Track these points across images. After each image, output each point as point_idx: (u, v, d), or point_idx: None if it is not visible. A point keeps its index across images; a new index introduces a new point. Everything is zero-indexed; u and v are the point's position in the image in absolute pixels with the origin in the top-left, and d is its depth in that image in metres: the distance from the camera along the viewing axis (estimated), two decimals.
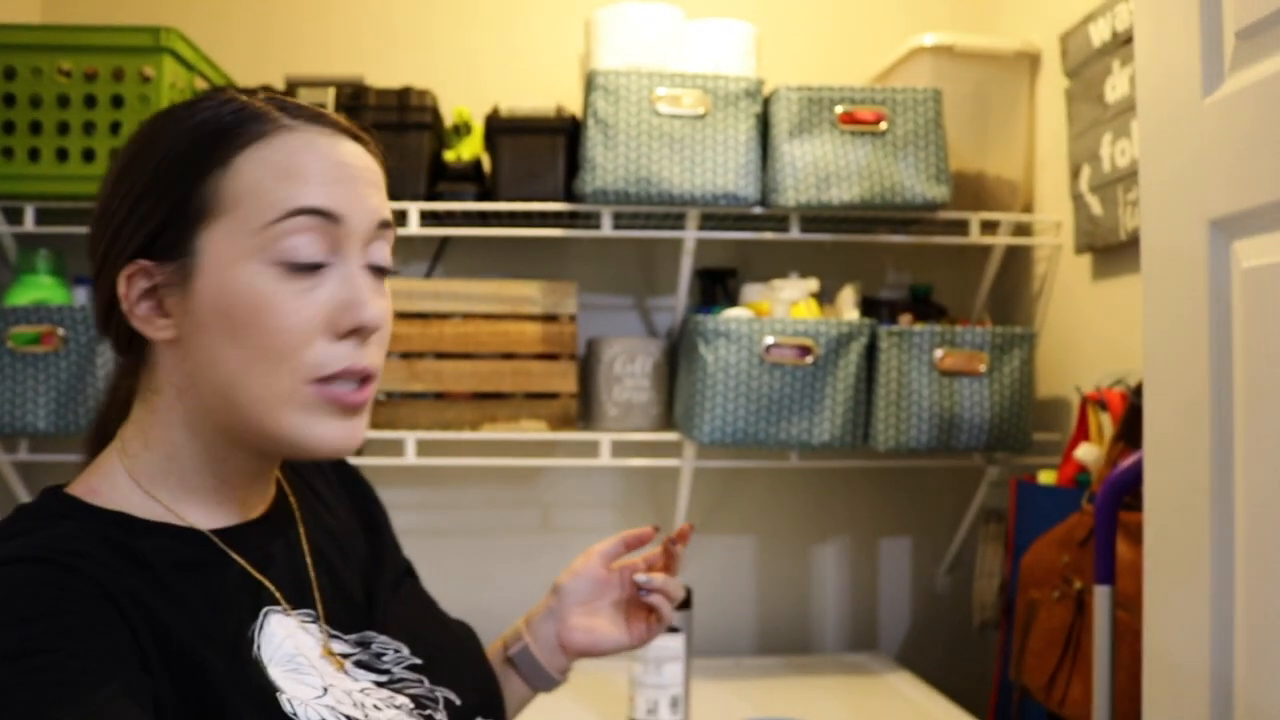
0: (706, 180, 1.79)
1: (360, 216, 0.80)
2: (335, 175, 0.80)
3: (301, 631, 0.83)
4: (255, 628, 0.80)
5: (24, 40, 1.79)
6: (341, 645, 0.86)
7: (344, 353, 0.79)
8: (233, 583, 0.81)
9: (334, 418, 0.80)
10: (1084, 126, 1.83)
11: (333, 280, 0.79)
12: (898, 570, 2.26)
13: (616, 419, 1.94)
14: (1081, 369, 1.88)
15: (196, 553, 0.81)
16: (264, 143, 0.79)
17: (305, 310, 0.78)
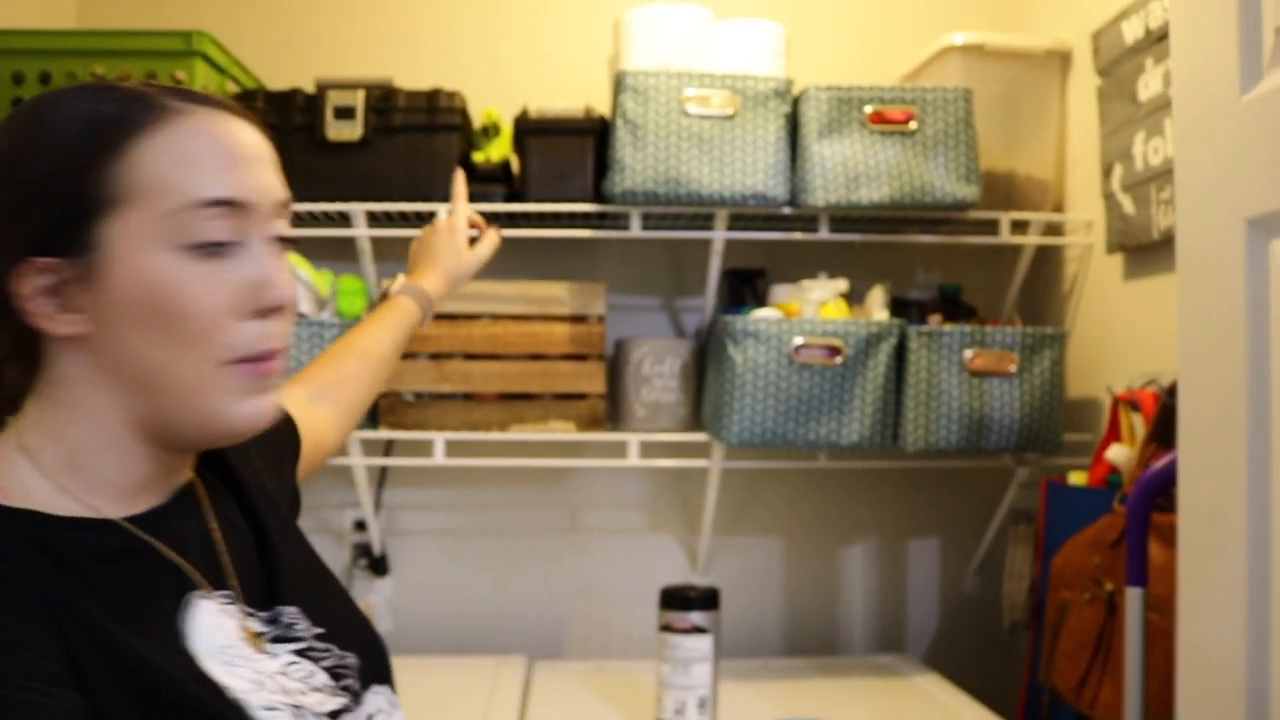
0: (735, 180, 1.79)
1: (264, 197, 0.81)
2: (234, 158, 0.79)
3: (224, 615, 0.82)
4: (181, 617, 0.79)
5: (59, 45, 1.81)
6: (258, 624, 0.86)
7: (256, 333, 0.80)
8: (154, 570, 0.80)
9: (249, 395, 0.81)
10: (1116, 125, 1.82)
11: (241, 261, 0.79)
12: (926, 571, 2.25)
13: (644, 420, 1.94)
14: (1113, 369, 1.87)
15: (115, 542, 0.79)
16: (158, 129, 0.78)
17: (218, 293, 0.78)
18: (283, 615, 0.88)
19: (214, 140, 0.79)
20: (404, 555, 2.16)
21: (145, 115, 0.78)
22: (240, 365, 0.79)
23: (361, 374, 1.32)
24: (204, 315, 0.77)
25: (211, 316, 0.77)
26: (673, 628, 1.62)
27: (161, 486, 0.85)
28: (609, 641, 2.18)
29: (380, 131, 1.88)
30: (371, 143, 1.88)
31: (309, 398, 1.25)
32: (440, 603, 2.16)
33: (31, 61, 1.80)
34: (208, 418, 0.80)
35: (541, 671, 2.00)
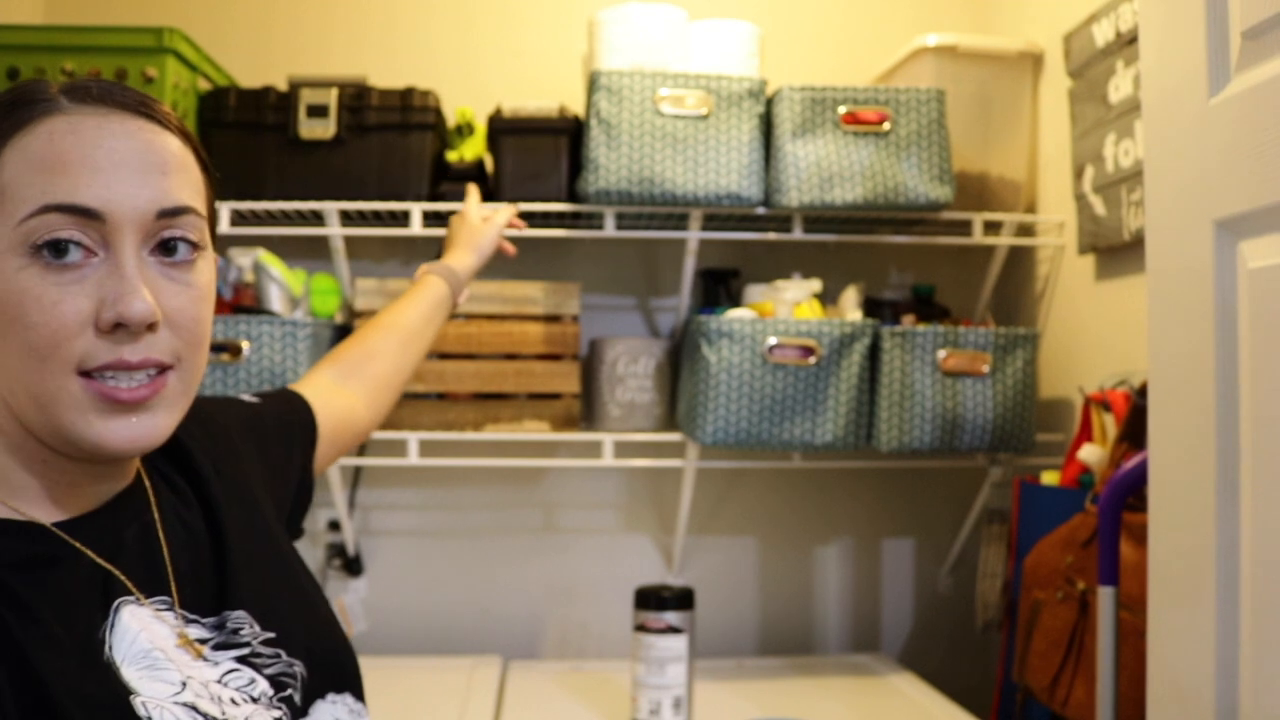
0: (710, 181, 1.79)
1: (128, 206, 0.75)
2: (97, 163, 0.74)
3: (156, 622, 0.80)
4: (106, 626, 0.77)
5: (27, 41, 1.79)
6: (199, 630, 0.83)
7: (100, 349, 0.74)
8: (80, 578, 0.78)
9: (112, 415, 0.76)
10: (1087, 127, 1.83)
11: (100, 272, 0.74)
12: (900, 571, 2.26)
13: (619, 419, 1.94)
14: (1084, 370, 1.88)
15: (38, 548, 0.77)
16: (27, 131, 0.75)
17: (65, 303, 0.73)
18: (229, 620, 0.86)
19: (77, 142, 0.75)
20: (378, 555, 2.15)
21: (21, 115, 0.76)
22: (90, 383, 0.75)
23: (388, 347, 1.32)
24: (48, 325, 0.73)
25: (56, 329, 0.73)
26: (647, 628, 1.62)
27: (93, 492, 0.83)
28: (584, 641, 2.18)
29: (354, 130, 1.87)
30: (345, 141, 1.87)
31: (337, 377, 1.25)
32: (415, 603, 2.15)
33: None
34: (67, 432, 0.76)
35: (517, 672, 1.99)
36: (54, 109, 0.76)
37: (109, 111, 0.77)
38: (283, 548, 1.00)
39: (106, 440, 0.76)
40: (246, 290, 1.82)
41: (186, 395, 0.81)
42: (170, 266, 0.78)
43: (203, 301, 0.81)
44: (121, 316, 0.73)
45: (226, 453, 1.00)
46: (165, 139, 0.79)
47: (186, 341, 0.79)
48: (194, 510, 0.92)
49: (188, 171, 0.81)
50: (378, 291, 1.89)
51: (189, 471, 0.94)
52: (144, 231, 0.76)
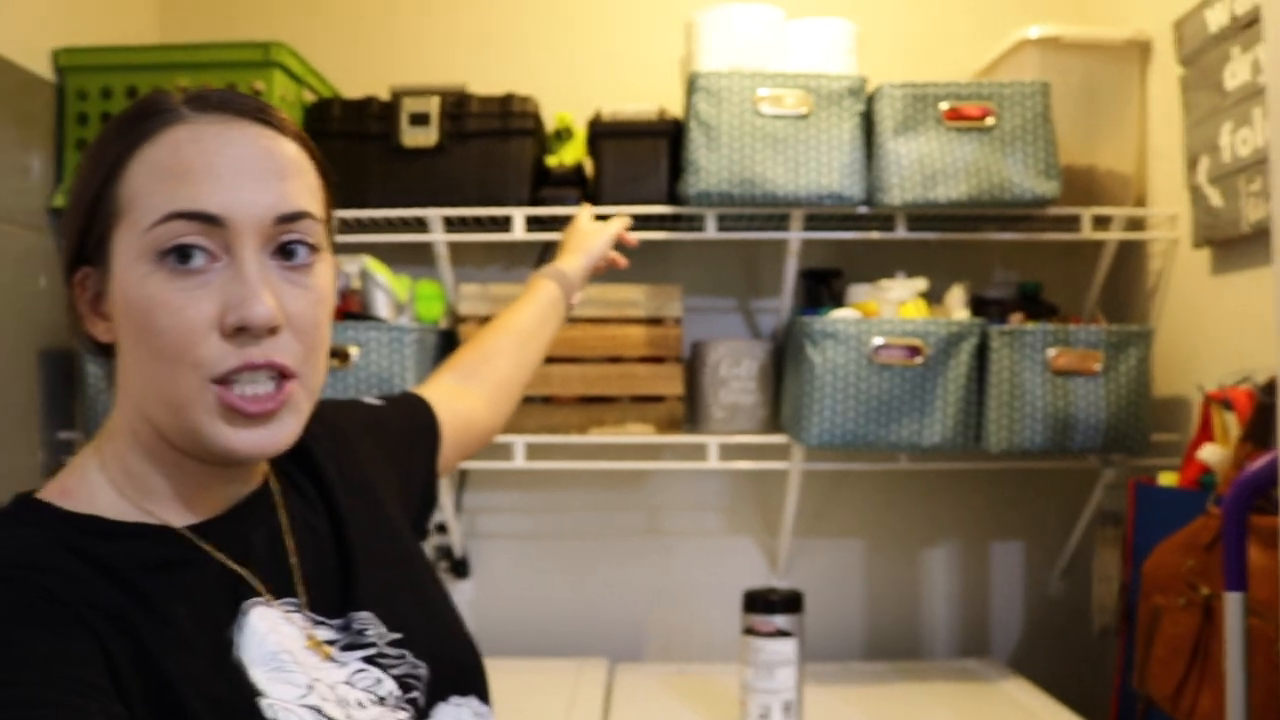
0: (811, 180, 1.77)
1: (249, 212, 0.76)
2: (218, 170, 0.76)
3: (285, 623, 0.81)
4: (234, 627, 0.78)
5: (143, 60, 1.86)
6: (326, 631, 0.85)
7: (226, 353, 0.75)
8: (210, 580, 0.79)
9: (240, 425, 0.77)
10: (1201, 116, 1.78)
11: (224, 276, 0.76)
12: (1009, 574, 2.21)
13: (723, 422, 1.93)
14: (1201, 367, 1.82)
15: (170, 552, 0.79)
16: (152, 142, 0.77)
17: (190, 308, 0.75)
18: (355, 621, 0.87)
19: (199, 150, 0.77)
20: (485, 558, 2.18)
21: (146, 126, 0.78)
22: (221, 391, 0.76)
23: (505, 348, 1.34)
24: (176, 329, 0.75)
25: (185, 331, 0.75)
26: (756, 631, 1.61)
27: (222, 495, 0.85)
28: (688, 644, 2.18)
29: (455, 137, 1.90)
30: (446, 148, 1.89)
31: (456, 380, 1.27)
32: (521, 605, 2.17)
33: (118, 76, 1.84)
34: (198, 435, 0.77)
35: (623, 674, 2.00)
36: (177, 119, 0.78)
37: (229, 119, 0.79)
38: (407, 548, 1.01)
39: (235, 446, 0.77)
40: (353, 297, 1.85)
41: (310, 400, 0.82)
42: (290, 270, 0.79)
43: (322, 305, 0.82)
44: (244, 320, 0.75)
45: (349, 455, 1.01)
46: (283, 144, 0.81)
47: (308, 346, 0.80)
48: (319, 512, 0.94)
49: (305, 176, 0.82)
50: (481, 296, 1.91)
51: (313, 473, 0.96)
52: (264, 236, 0.77)
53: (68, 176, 1.85)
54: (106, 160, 0.78)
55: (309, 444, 0.97)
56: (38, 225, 1.84)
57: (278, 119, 0.82)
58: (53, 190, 1.86)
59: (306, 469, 0.96)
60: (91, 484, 0.81)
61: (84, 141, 1.85)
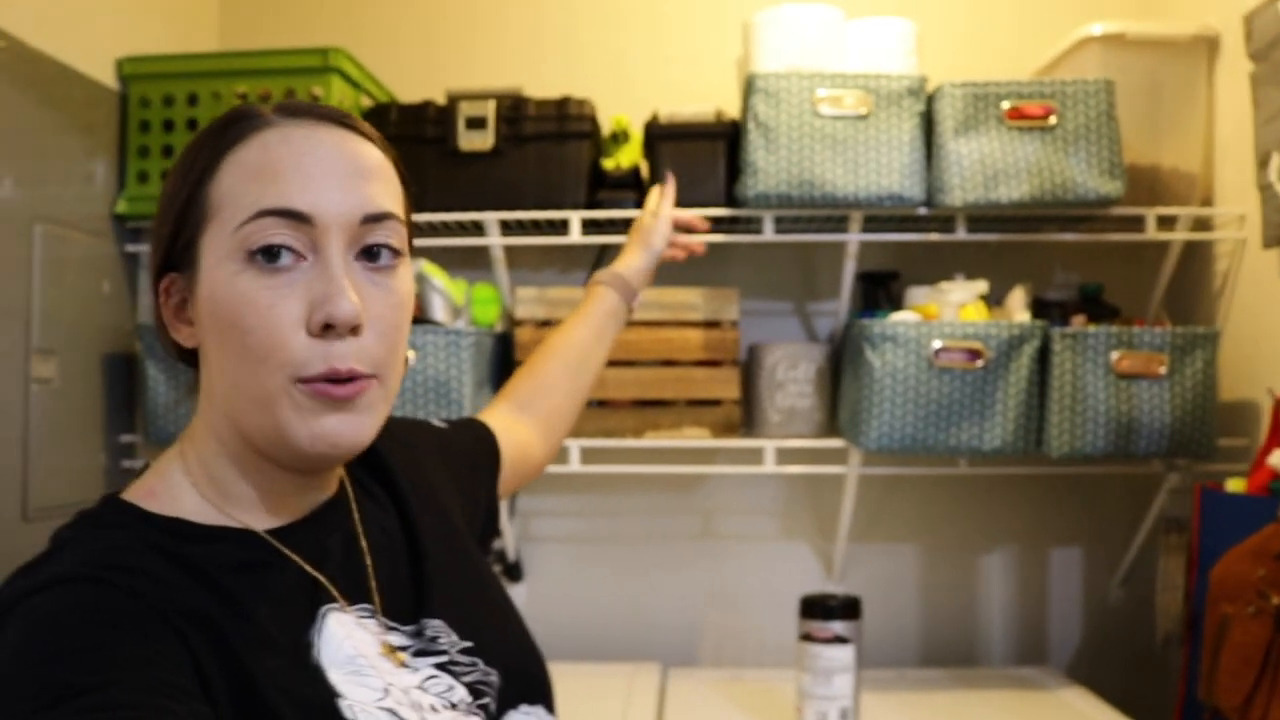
0: (870, 181, 1.76)
1: (336, 211, 0.78)
2: (307, 170, 0.78)
3: (359, 629, 0.83)
4: (314, 630, 0.80)
5: (203, 67, 1.88)
6: (399, 637, 0.86)
7: (322, 351, 0.77)
8: (290, 583, 0.81)
9: (325, 412, 0.78)
10: (1273, 112, 1.74)
11: (310, 275, 0.77)
12: (1068, 581, 2.18)
13: (779, 425, 1.92)
14: (1271, 370, 1.78)
15: (252, 554, 0.81)
16: (243, 144, 0.79)
17: (279, 306, 0.76)
18: (427, 628, 0.88)
19: (288, 150, 0.79)
20: (538, 561, 2.18)
21: (236, 131, 0.80)
22: (305, 385, 0.77)
23: (559, 377, 1.34)
24: (264, 328, 0.76)
25: (272, 331, 0.76)
26: (814, 637, 1.60)
27: (301, 500, 0.87)
28: (743, 649, 2.17)
29: (511, 141, 1.90)
30: (503, 152, 1.90)
31: (512, 410, 1.28)
32: (574, 609, 2.17)
33: (179, 84, 1.87)
34: (283, 432, 0.78)
35: (676, 679, 1.99)
36: (265, 124, 0.80)
37: (316, 123, 0.81)
38: (475, 561, 1.02)
39: (319, 438, 0.78)
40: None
41: (386, 402, 0.83)
42: (374, 271, 0.81)
43: (402, 308, 0.83)
44: (330, 317, 0.76)
45: (419, 469, 1.03)
46: (367, 148, 0.83)
47: (388, 348, 0.81)
48: (391, 519, 0.95)
49: (388, 180, 0.84)
50: (537, 300, 1.91)
51: (387, 482, 0.98)
52: (349, 235, 0.79)
53: (130, 183, 1.88)
54: (197, 166, 0.80)
55: (383, 453, 0.99)
56: (102, 231, 1.87)
57: (361, 125, 0.84)
58: (115, 197, 1.89)
59: (380, 477, 0.98)
60: (175, 486, 0.83)
61: (146, 148, 1.87)
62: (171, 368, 1.80)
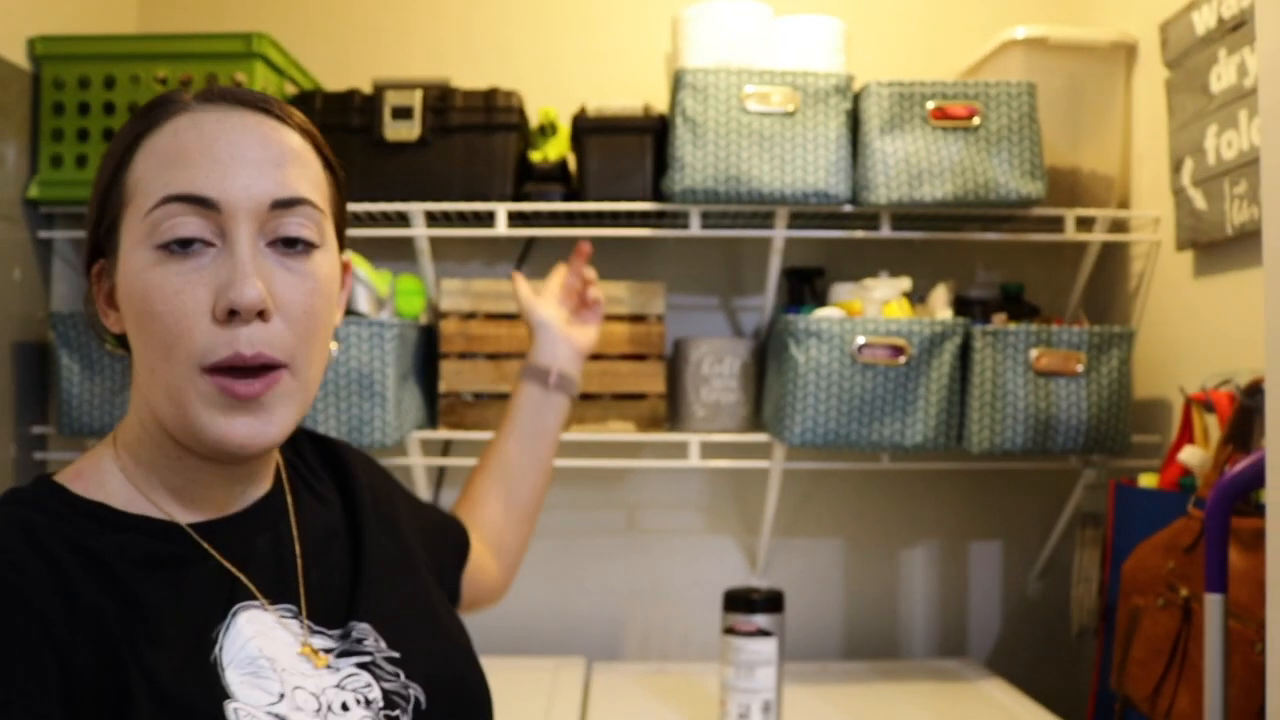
0: (796, 178, 1.77)
1: (243, 197, 0.77)
2: (214, 155, 0.77)
3: (278, 628, 0.82)
4: (222, 627, 0.78)
5: (122, 50, 1.83)
6: (324, 640, 0.84)
7: (227, 337, 0.76)
8: (205, 579, 0.80)
9: (232, 412, 0.77)
10: (1186, 119, 1.78)
11: (218, 261, 0.76)
12: (988, 574, 2.22)
13: (704, 420, 1.92)
14: (1182, 369, 1.83)
15: (168, 548, 0.80)
16: (157, 130, 0.79)
17: (185, 293, 0.75)
18: (354, 630, 0.87)
19: (197, 135, 0.78)
20: None
21: (153, 116, 0.80)
22: (213, 377, 0.76)
23: (490, 492, 1.30)
24: (170, 314, 0.75)
25: (179, 319, 0.75)
26: (736, 630, 1.61)
27: (229, 494, 0.85)
28: (667, 643, 2.17)
29: (438, 131, 1.88)
30: (429, 143, 1.87)
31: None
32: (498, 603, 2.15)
33: (96, 65, 1.81)
34: (193, 427, 0.77)
35: (601, 673, 1.99)
36: (181, 109, 0.80)
37: (230, 108, 0.80)
38: (423, 578, 1.00)
39: (228, 435, 0.77)
40: None
41: (303, 393, 0.82)
42: (286, 257, 0.80)
43: (318, 294, 0.81)
44: (234, 303, 0.75)
45: (386, 495, 1.03)
46: (284, 133, 0.81)
47: (299, 335, 0.80)
48: (336, 517, 0.94)
49: (307, 167, 0.82)
50: (462, 292, 1.89)
51: (343, 485, 0.97)
52: (259, 221, 0.78)
53: (43, 167, 1.83)
54: (116, 152, 0.80)
55: (346, 458, 0.99)
56: (12, 217, 1.81)
57: (282, 110, 0.83)
58: (27, 181, 1.83)
59: (335, 472, 0.98)
60: (104, 472, 0.82)
61: (60, 132, 1.82)
62: (86, 358, 1.76)
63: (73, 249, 1.97)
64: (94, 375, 1.76)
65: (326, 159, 0.86)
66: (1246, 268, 1.67)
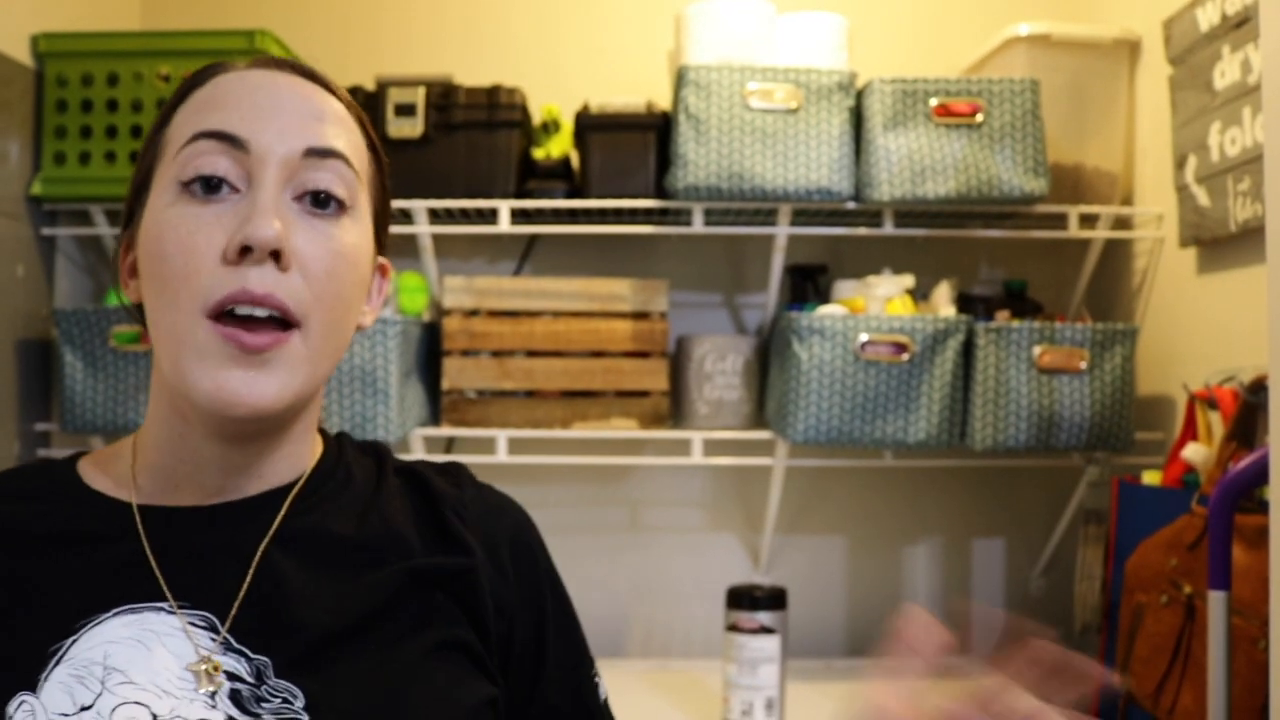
0: (799, 175, 1.77)
1: (275, 142, 0.73)
2: (254, 103, 0.74)
3: (174, 636, 0.73)
4: (88, 621, 0.72)
5: (126, 47, 1.83)
6: (236, 664, 0.73)
7: (235, 275, 0.71)
8: (107, 566, 0.74)
9: (231, 364, 0.71)
10: (1190, 115, 1.78)
11: (240, 206, 0.73)
12: (991, 572, 2.21)
13: (707, 417, 1.92)
14: (1186, 366, 1.82)
15: (91, 526, 0.76)
16: (200, 89, 0.77)
17: (198, 234, 0.71)
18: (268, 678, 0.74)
19: (240, 86, 0.75)
20: None
21: (199, 78, 0.78)
22: (218, 324, 0.71)
23: None
24: (182, 253, 0.71)
25: (187, 259, 0.71)
26: (740, 628, 1.61)
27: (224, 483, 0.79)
28: (669, 640, 2.17)
29: (441, 128, 1.88)
30: (432, 140, 1.87)
31: None
32: None
33: (99, 63, 1.82)
34: (186, 381, 0.71)
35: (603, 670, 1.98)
36: (228, 69, 0.78)
37: (278, 72, 0.78)
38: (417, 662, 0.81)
39: (222, 387, 0.71)
40: None
41: (312, 363, 0.75)
42: (314, 215, 0.75)
43: (341, 258, 0.76)
44: (247, 238, 0.70)
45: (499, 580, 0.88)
46: (329, 99, 0.79)
47: (316, 295, 0.74)
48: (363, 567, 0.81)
49: (347, 130, 0.79)
50: (465, 289, 1.89)
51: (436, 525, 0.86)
52: (289, 170, 0.74)
53: (47, 164, 1.83)
54: (161, 120, 0.79)
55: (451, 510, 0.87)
56: (16, 214, 1.81)
57: (329, 82, 0.81)
58: (30, 178, 1.84)
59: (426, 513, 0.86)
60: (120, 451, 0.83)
61: (63, 129, 1.82)
62: (90, 355, 1.76)
63: (76, 246, 1.97)
64: (97, 372, 1.76)
65: (370, 138, 0.83)
66: (1250, 265, 1.67)
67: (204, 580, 0.76)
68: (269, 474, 0.82)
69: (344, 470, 0.87)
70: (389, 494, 0.87)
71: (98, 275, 2.03)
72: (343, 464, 0.87)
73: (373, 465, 0.90)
